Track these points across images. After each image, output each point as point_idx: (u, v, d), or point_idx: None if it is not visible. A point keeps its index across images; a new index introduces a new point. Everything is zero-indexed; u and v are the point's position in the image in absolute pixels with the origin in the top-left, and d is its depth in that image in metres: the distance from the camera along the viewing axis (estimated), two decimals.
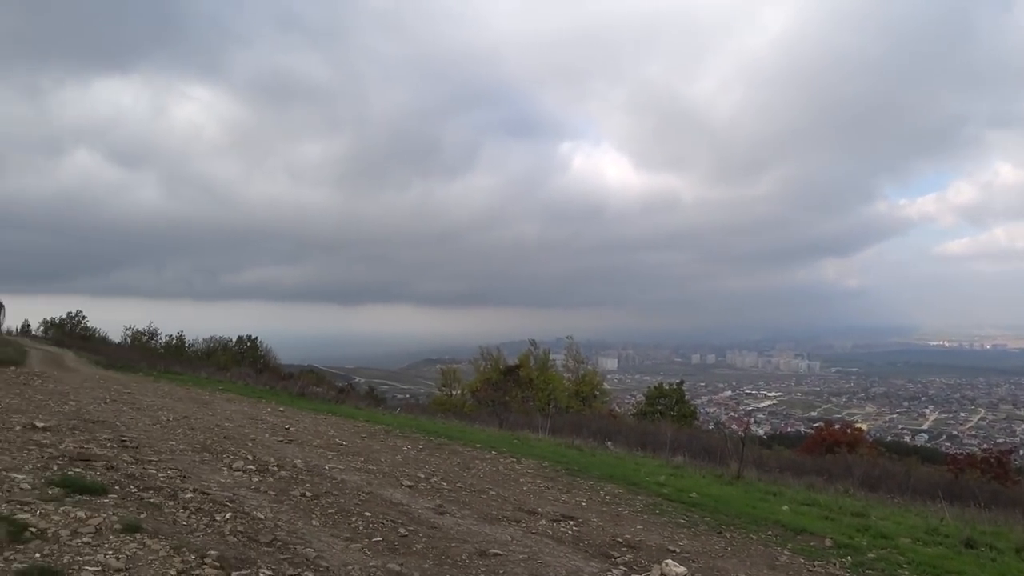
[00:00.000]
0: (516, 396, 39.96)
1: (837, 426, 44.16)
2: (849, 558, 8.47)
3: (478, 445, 15.73)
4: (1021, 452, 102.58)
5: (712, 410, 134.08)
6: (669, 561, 6.97)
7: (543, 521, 8.68)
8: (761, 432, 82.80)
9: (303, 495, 8.06)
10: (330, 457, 11.36)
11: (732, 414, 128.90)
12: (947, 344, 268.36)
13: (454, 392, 44.81)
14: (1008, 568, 8.87)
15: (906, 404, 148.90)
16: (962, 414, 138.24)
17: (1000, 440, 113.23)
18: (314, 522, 6.97)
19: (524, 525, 8.32)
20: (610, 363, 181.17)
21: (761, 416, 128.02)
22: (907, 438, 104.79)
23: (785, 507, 11.82)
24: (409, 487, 9.65)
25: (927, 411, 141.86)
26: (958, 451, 52.65)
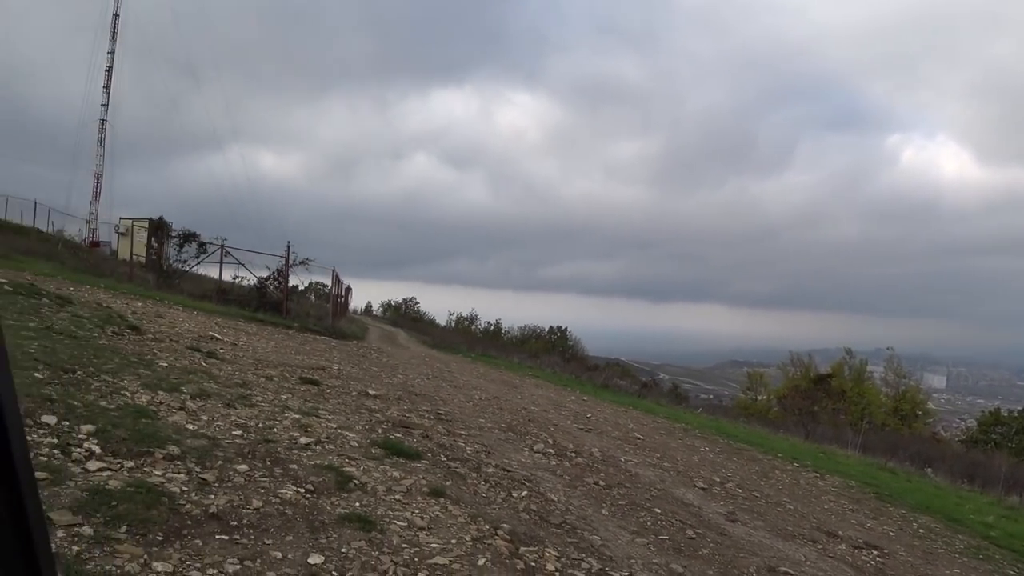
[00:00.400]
0: (826, 407, 37.72)
1: None
2: None
3: (779, 454, 15.12)
4: None
5: None
6: None
7: (843, 546, 8.14)
8: None
9: (596, 483, 8.27)
10: (626, 449, 11.54)
11: None
12: None
13: (759, 397, 43.33)
14: None
15: None
16: None
17: None
18: (604, 511, 7.14)
19: (821, 547, 7.86)
20: (937, 381, 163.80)
21: None
22: None
23: None
24: (702, 489, 9.53)
25: None
26: None
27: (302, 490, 5.22)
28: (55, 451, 4.74)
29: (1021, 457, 36.13)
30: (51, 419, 5.27)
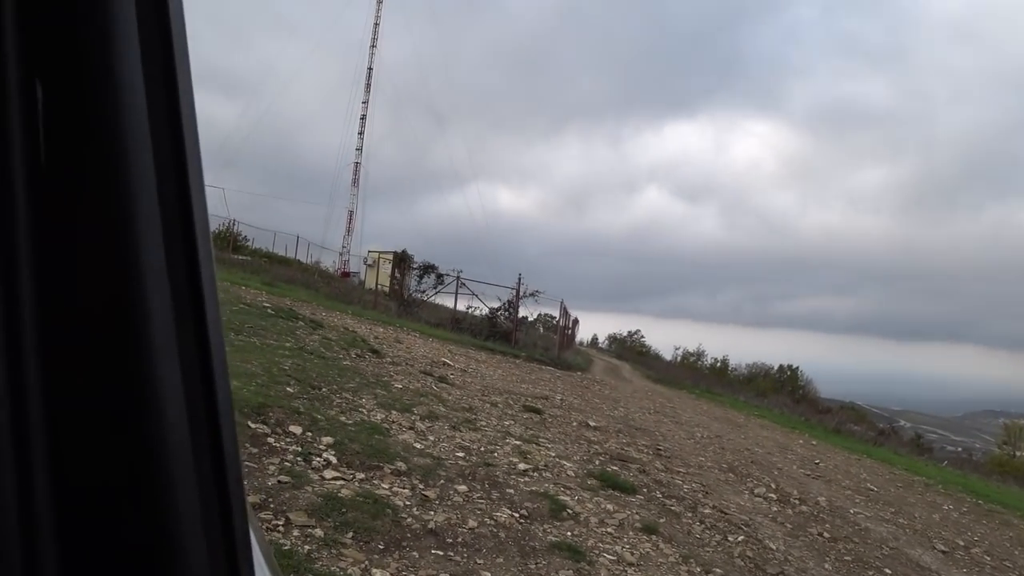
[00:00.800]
0: None
1: None
2: None
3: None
4: None
5: None
6: None
7: None
8: None
9: (820, 534, 7.82)
10: (857, 501, 10.79)
11: None
12: None
13: (1018, 452, 38.75)
14: None
15: None
16: None
17: None
18: (827, 566, 6.73)
19: None
20: None
21: None
22: None
23: None
24: (943, 552, 8.70)
25: None
26: None
27: (516, 514, 5.39)
28: (298, 458, 5.24)
29: None
30: (297, 429, 5.83)
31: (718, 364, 50.64)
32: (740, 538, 6.63)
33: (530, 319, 34.21)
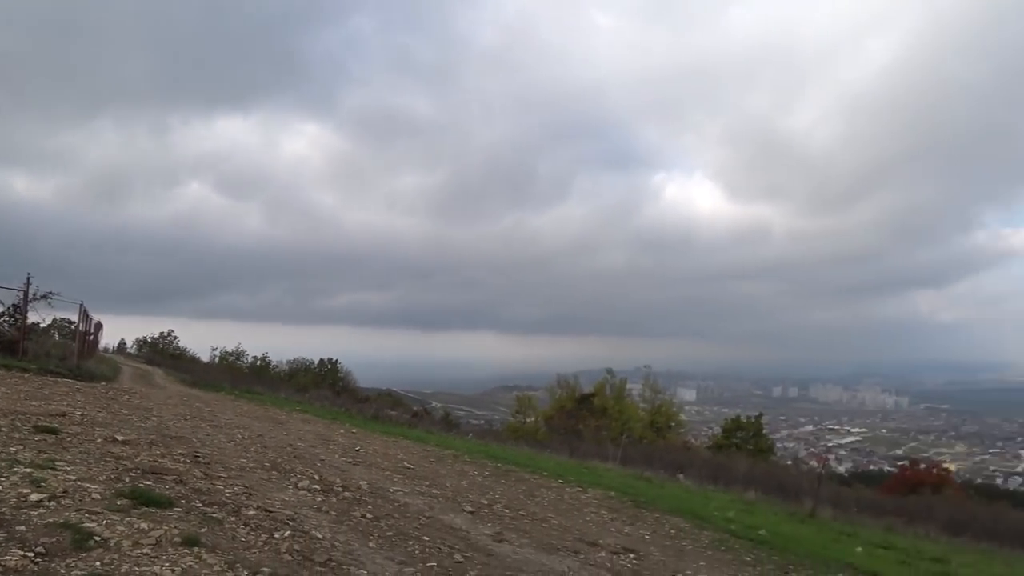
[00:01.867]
0: (590, 425, 39.71)
1: (923, 466, 42.49)
2: None
3: (545, 473, 15.68)
4: None
5: (791, 445, 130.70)
6: None
7: (603, 553, 8.58)
8: (842, 469, 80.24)
9: (364, 516, 8.14)
10: (396, 480, 11.47)
11: (812, 450, 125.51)
12: None
13: (528, 419, 44.70)
14: None
15: (1000, 444, 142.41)
16: None
17: None
18: (371, 544, 7.03)
19: (583, 556, 8.23)
20: (689, 394, 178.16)
21: (843, 453, 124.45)
22: (999, 480, 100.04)
23: (859, 549, 11.43)
24: (471, 513, 9.66)
25: (1023, 452, 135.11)
26: None
27: (31, 554, 4.71)
28: None
29: (758, 458, 39.93)
30: None
31: (258, 362, 49.88)
32: (287, 533, 6.60)
33: (43, 325, 30.10)
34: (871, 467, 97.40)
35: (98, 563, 4.79)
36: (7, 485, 6.28)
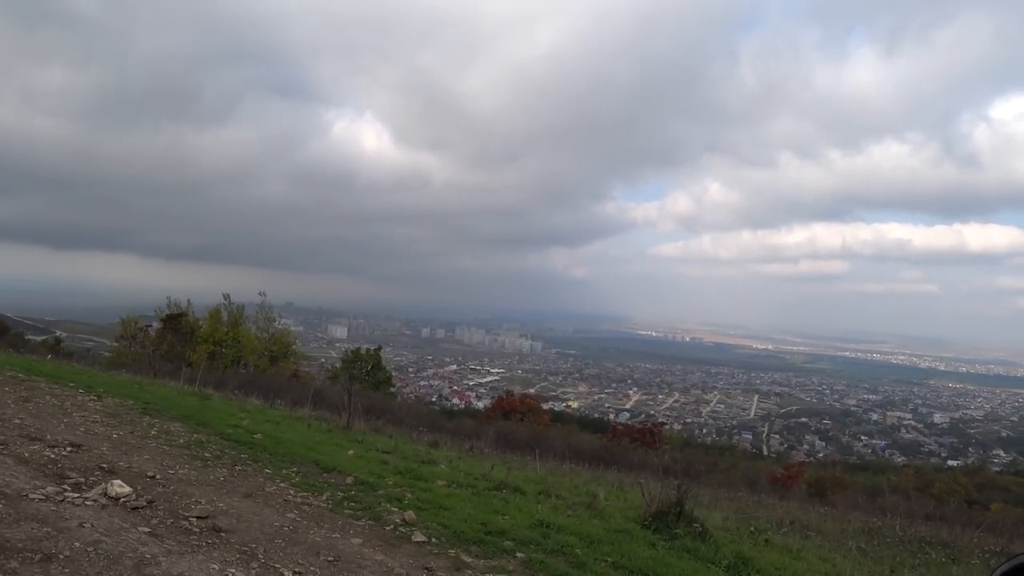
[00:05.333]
0: (201, 351, 38.57)
1: (517, 397, 46.99)
2: (340, 493, 8.80)
3: (72, 384, 14.89)
4: (704, 430, 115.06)
5: (437, 383, 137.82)
6: (116, 481, 6.96)
7: (37, 446, 8.35)
8: (480, 405, 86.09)
9: None
10: None
11: (455, 387, 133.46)
12: (654, 334, 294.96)
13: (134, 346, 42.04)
14: (503, 504, 9.75)
15: (614, 385, 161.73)
16: (660, 396, 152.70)
17: (689, 420, 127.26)
18: None
19: (7, 449, 7.95)
20: (340, 331, 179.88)
21: (482, 391, 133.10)
22: (612, 415, 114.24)
23: (351, 451, 12.25)
24: None
25: (631, 392, 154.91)
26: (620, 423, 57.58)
27: None
28: None
29: (376, 388, 41.45)
30: None
31: None
32: None
33: None
34: None
35: None
36: None
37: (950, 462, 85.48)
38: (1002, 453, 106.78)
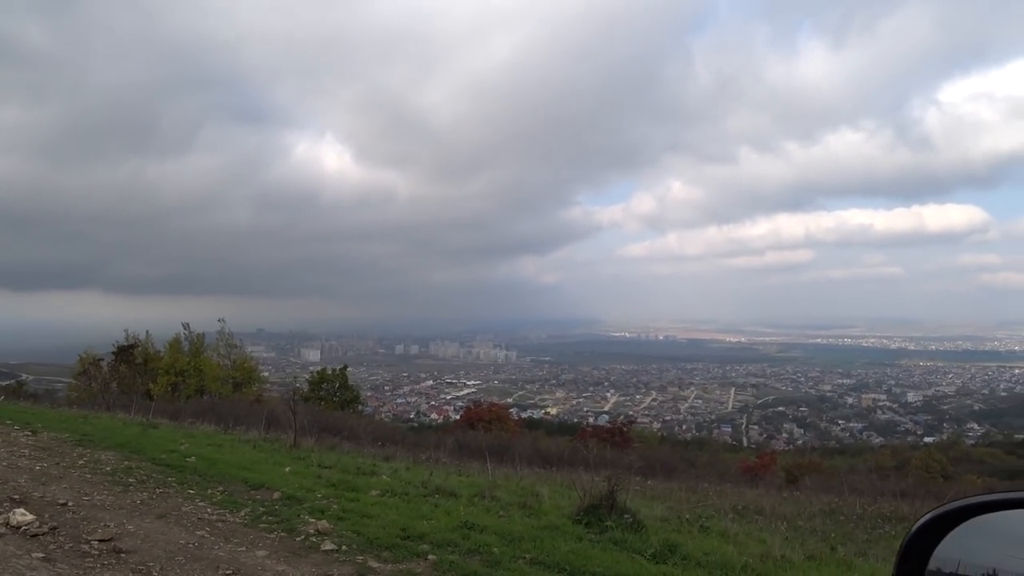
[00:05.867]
0: (162, 382, 38.15)
1: (484, 406, 46.94)
2: (261, 509, 8.74)
3: (9, 422, 14.75)
4: (684, 426, 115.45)
5: (414, 399, 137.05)
6: (18, 510, 6.92)
7: None
8: (457, 417, 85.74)
9: None
10: None
11: (432, 403, 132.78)
12: (627, 335, 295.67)
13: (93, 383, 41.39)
14: (432, 509, 9.72)
15: (592, 389, 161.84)
16: (637, 396, 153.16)
17: (668, 417, 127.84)
18: None
19: None
20: (313, 354, 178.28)
21: (461, 404, 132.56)
22: (591, 419, 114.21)
23: (288, 468, 12.16)
24: None
25: (609, 395, 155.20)
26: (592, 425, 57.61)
27: None
28: None
29: (344, 408, 41.13)
30: None
31: None
32: None
33: None
34: None
35: None
36: None
37: (926, 439, 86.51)
38: (976, 426, 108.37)
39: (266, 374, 50.05)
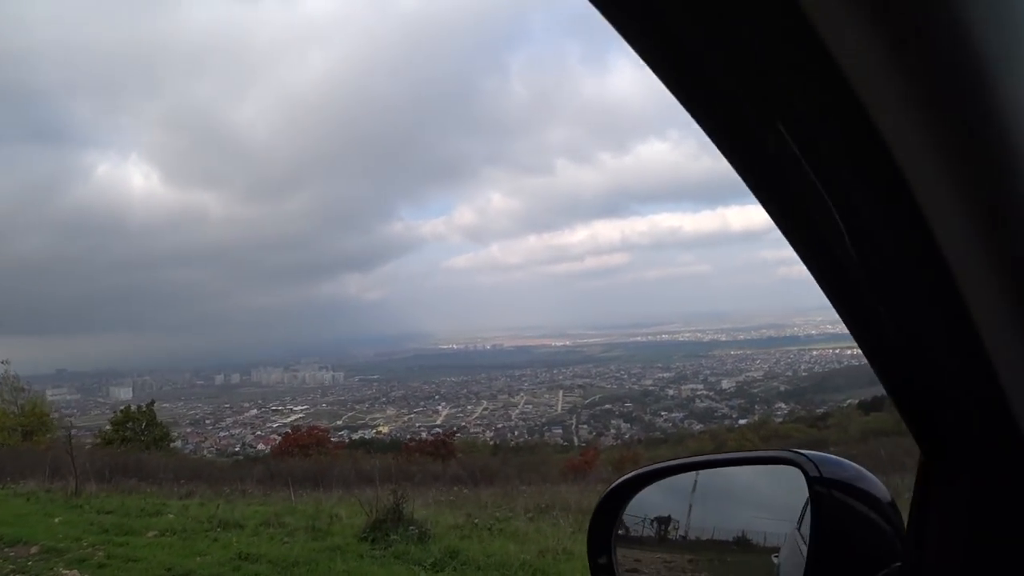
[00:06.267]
0: None
1: (304, 431, 46.04)
2: (11, 566, 8.18)
3: None
4: (516, 432, 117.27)
5: (238, 431, 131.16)
6: None
7: None
8: None
9: None
10: None
11: (258, 433, 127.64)
12: (456, 347, 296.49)
13: None
14: (210, 544, 9.42)
15: (423, 403, 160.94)
16: (469, 407, 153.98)
17: (500, 425, 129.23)
18: None
19: None
20: (124, 392, 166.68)
21: (288, 431, 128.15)
22: (424, 434, 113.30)
23: (59, 519, 11.44)
24: None
25: (440, 408, 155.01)
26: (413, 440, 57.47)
27: None
28: None
29: (154, 447, 38.92)
30: None
31: None
32: None
33: None
34: None
35: None
36: None
37: (740, 421, 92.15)
38: (783, 405, 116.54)
39: (70, 419, 46.46)
